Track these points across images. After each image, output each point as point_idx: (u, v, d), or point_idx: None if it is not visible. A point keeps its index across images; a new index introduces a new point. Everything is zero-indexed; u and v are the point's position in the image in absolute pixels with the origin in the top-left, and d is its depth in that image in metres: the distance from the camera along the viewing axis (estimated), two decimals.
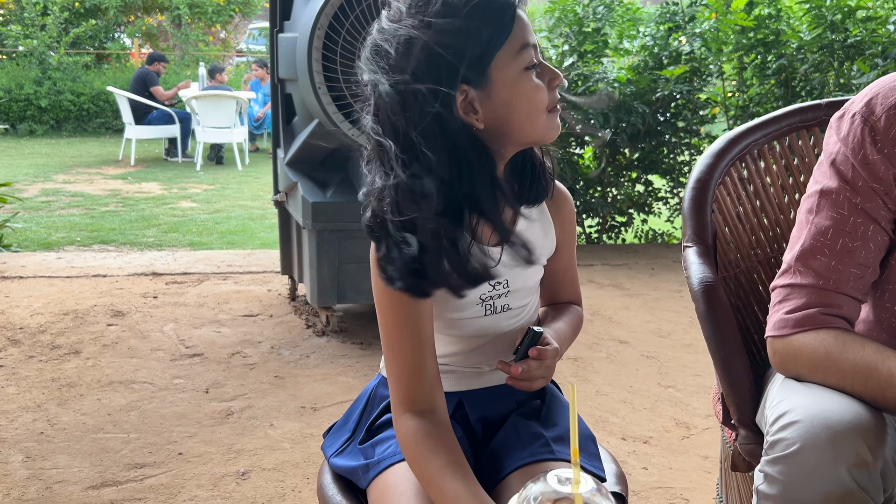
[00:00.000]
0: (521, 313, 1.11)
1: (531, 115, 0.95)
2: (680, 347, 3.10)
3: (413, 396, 0.98)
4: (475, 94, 0.92)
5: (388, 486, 1.00)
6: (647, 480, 2.08)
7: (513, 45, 0.92)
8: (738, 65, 4.74)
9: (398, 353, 0.99)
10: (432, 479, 0.93)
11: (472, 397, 1.11)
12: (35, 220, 5.62)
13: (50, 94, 11.25)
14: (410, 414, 0.98)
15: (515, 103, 0.94)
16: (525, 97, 0.94)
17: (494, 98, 0.93)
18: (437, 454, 0.94)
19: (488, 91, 0.92)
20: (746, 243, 1.60)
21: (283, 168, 3.22)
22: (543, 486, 0.74)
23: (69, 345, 2.96)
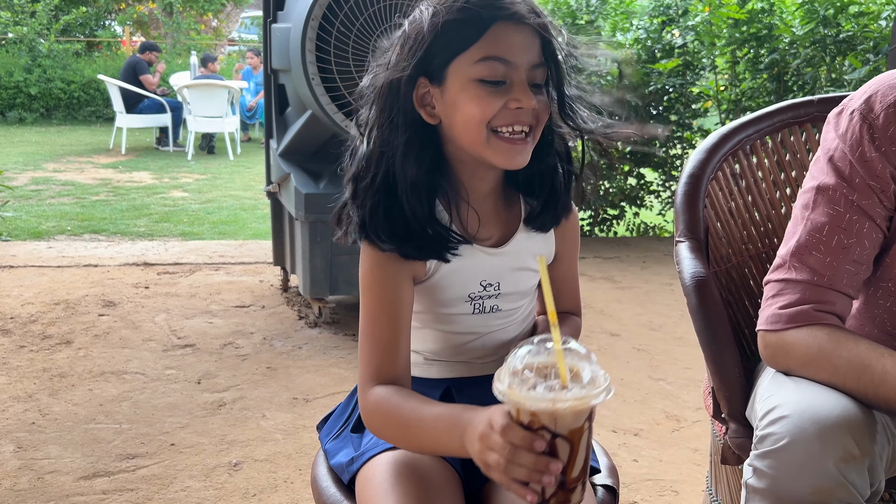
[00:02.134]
0: (512, 315, 1.11)
1: (467, 125, 0.95)
2: (671, 340, 3.12)
3: (383, 374, 1.00)
4: (432, 90, 0.97)
5: (368, 477, 1.01)
6: (638, 472, 2.10)
7: (474, 54, 0.93)
8: (731, 59, 4.75)
9: (374, 334, 1.01)
10: (410, 418, 0.93)
11: (460, 385, 1.12)
12: (25, 209, 5.59)
13: (40, 82, 11.17)
14: (379, 385, 1.00)
15: (458, 108, 0.95)
16: (465, 105, 0.94)
17: (445, 98, 0.96)
18: (408, 397, 0.96)
19: (442, 90, 0.96)
20: (738, 238, 1.61)
21: (275, 159, 3.21)
22: (527, 350, 0.78)
23: (60, 335, 2.95)
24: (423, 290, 1.05)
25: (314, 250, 2.95)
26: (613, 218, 5.06)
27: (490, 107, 0.94)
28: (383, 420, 0.97)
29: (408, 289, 1.02)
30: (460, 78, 0.94)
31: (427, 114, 0.98)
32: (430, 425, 0.91)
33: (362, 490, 1.01)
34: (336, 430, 1.17)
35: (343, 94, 2.78)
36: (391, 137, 0.97)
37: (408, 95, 0.96)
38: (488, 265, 1.06)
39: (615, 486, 1.12)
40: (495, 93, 0.94)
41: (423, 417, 0.92)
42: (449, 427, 0.89)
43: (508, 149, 0.96)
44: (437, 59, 0.94)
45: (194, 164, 8.14)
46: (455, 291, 1.05)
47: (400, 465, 0.99)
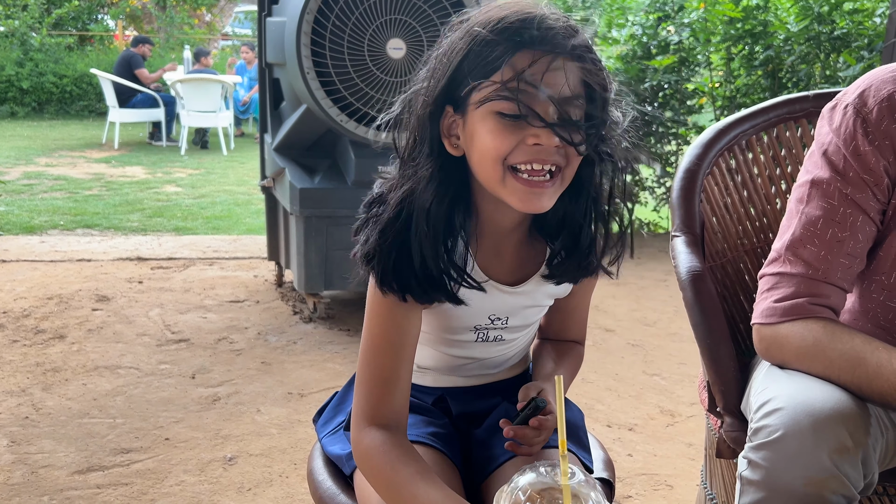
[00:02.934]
0: (512, 344, 1.10)
1: (483, 160, 0.88)
2: (665, 336, 3.12)
3: (381, 412, 0.95)
4: (457, 119, 0.90)
5: None
6: (632, 467, 2.10)
7: (494, 85, 0.84)
8: (726, 55, 4.76)
9: (375, 366, 0.96)
10: (403, 487, 0.89)
11: (455, 393, 1.13)
12: (17, 204, 5.56)
13: (32, 76, 11.11)
14: (375, 427, 0.94)
15: (475, 141, 0.88)
16: (482, 138, 0.86)
17: (466, 129, 0.89)
18: (406, 463, 0.90)
19: (464, 120, 0.89)
20: (733, 233, 1.62)
21: (270, 153, 3.21)
22: (532, 478, 0.74)
23: (54, 329, 2.94)
24: (429, 313, 1.02)
25: (309, 245, 2.94)
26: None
27: (505, 142, 0.85)
28: (373, 473, 0.93)
29: (415, 321, 0.97)
30: (480, 109, 0.86)
31: (451, 144, 0.90)
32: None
33: (362, 481, 1.01)
34: (333, 427, 1.16)
35: (338, 88, 2.77)
36: (417, 169, 0.91)
37: (434, 124, 0.89)
38: (500, 301, 1.02)
39: (611, 480, 1.12)
40: (513, 126, 0.84)
41: (415, 495, 0.87)
42: None
43: (525, 191, 0.87)
44: (461, 86, 0.86)
45: (188, 158, 8.12)
46: (462, 322, 1.03)
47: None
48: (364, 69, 2.76)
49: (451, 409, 1.12)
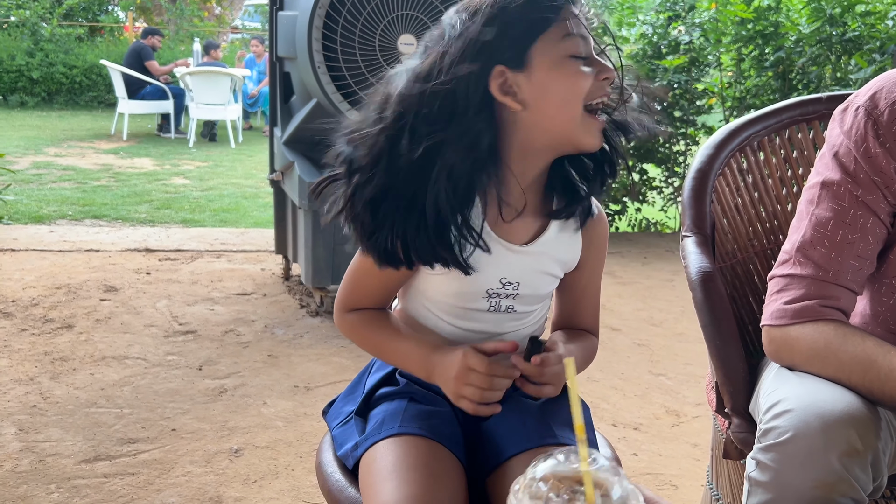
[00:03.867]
0: (525, 318, 1.10)
1: (566, 103, 0.93)
2: (671, 336, 3.12)
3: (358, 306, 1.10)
4: (513, 76, 0.92)
5: (370, 462, 1.01)
6: (637, 466, 2.10)
7: (557, 32, 0.92)
8: (737, 56, 4.74)
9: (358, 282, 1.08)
10: (381, 345, 1.08)
11: None
12: (26, 193, 5.59)
13: (42, 66, 11.14)
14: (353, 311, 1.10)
15: (553, 87, 0.92)
16: (563, 81, 0.92)
17: (533, 80, 0.93)
18: (379, 328, 1.07)
19: (527, 73, 0.92)
20: (744, 234, 1.62)
21: (279, 147, 3.21)
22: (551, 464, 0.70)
23: (62, 319, 2.95)
24: (440, 278, 1.03)
25: (316, 239, 2.95)
26: (615, 213, 5.06)
27: (586, 81, 0.93)
28: (359, 340, 1.10)
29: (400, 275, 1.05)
30: (549, 57, 0.92)
31: (512, 101, 0.93)
32: (401, 356, 1.06)
33: (363, 475, 1.01)
34: (343, 418, 1.16)
35: (349, 83, 2.77)
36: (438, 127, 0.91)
37: (479, 86, 0.91)
38: (511, 263, 1.04)
39: None
40: (586, 67, 0.93)
41: (393, 348, 1.07)
42: (416, 363, 1.04)
43: (598, 128, 0.96)
44: (516, 44, 0.91)
45: (196, 151, 8.13)
46: (473, 285, 1.03)
47: (402, 452, 0.99)
48: (375, 64, 2.76)
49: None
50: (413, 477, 0.94)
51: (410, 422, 1.02)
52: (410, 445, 0.99)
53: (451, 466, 1.00)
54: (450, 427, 1.06)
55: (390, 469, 0.96)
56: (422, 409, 1.07)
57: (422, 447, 0.99)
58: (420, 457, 0.98)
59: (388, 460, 0.98)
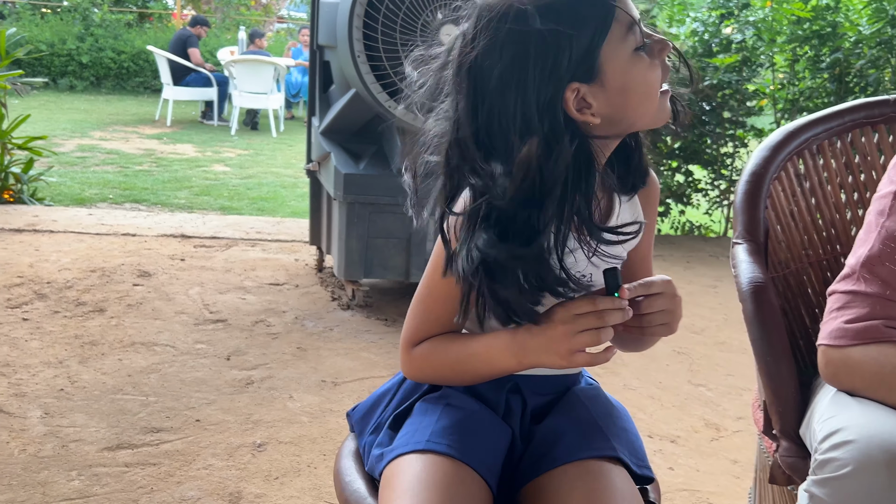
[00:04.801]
0: None
1: (647, 97, 0.89)
2: (713, 345, 3.01)
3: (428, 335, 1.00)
4: (587, 90, 0.85)
5: (392, 475, 0.94)
6: (673, 481, 2.01)
7: (619, 30, 0.85)
8: (791, 56, 4.58)
9: (426, 308, 0.99)
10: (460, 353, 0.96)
11: (529, 383, 1.04)
12: (70, 175, 5.65)
13: (91, 51, 11.32)
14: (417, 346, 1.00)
15: (631, 87, 0.87)
16: (640, 80, 0.88)
17: (609, 88, 0.86)
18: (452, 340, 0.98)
19: (601, 82, 0.86)
20: (798, 243, 1.52)
21: (317, 137, 3.17)
22: None
23: (94, 302, 2.95)
24: None
25: (350, 232, 2.90)
26: (659, 215, 4.93)
27: (657, 69, 0.89)
28: (432, 369, 0.99)
29: None
30: (620, 57, 0.86)
31: (590, 115, 0.86)
32: (483, 355, 0.95)
33: (382, 489, 0.95)
34: (373, 423, 1.09)
35: (388, 73, 2.71)
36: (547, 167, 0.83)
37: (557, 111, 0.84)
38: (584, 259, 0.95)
39: (656, 502, 1.04)
40: (650, 52, 0.89)
41: (473, 352, 0.96)
42: (503, 352, 0.93)
43: (668, 106, 0.93)
44: (584, 56, 0.84)
45: (237, 139, 8.17)
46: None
47: (421, 469, 0.92)
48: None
49: (526, 401, 1.03)
50: (427, 496, 0.88)
51: (440, 437, 0.95)
52: (432, 463, 0.92)
53: (475, 489, 0.92)
54: (485, 443, 0.97)
55: (405, 487, 0.90)
56: (457, 422, 0.98)
57: (444, 467, 0.92)
58: (439, 476, 0.90)
59: (405, 476, 0.91)
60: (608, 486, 0.92)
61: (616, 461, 0.97)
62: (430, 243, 3.40)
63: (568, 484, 0.93)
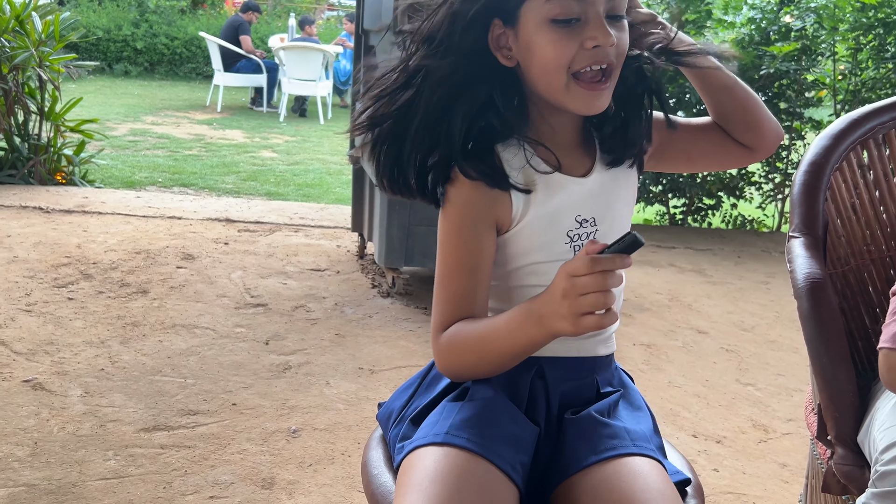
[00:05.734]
0: None
1: (545, 70, 0.89)
2: (763, 343, 2.90)
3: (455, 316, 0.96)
4: (507, 32, 0.91)
5: (405, 469, 0.91)
6: (718, 483, 1.93)
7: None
8: (854, 45, 4.39)
9: (449, 286, 0.97)
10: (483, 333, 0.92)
11: (553, 366, 1.00)
12: (121, 159, 5.75)
13: (146, 37, 11.51)
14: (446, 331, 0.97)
15: (533, 52, 0.89)
16: (541, 49, 0.88)
17: (520, 40, 0.90)
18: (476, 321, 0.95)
19: (516, 31, 0.90)
20: (860, 238, 1.43)
21: None
22: None
23: (138, 284, 2.98)
24: (515, 238, 0.96)
25: (392, 219, 2.87)
26: (709, 208, 4.79)
27: (567, 49, 0.87)
28: (458, 353, 0.95)
29: (489, 240, 0.96)
30: (534, 18, 0.88)
31: (503, 56, 0.92)
32: (505, 329, 0.90)
33: (398, 480, 0.92)
34: (399, 415, 1.06)
35: None
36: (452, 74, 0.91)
37: (481, 38, 0.91)
38: (580, 196, 0.97)
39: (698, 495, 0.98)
40: (571, 33, 0.87)
41: (496, 327, 0.91)
42: (523, 320, 0.88)
43: (587, 95, 0.90)
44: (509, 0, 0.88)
45: (285, 125, 8.22)
46: (551, 232, 0.96)
47: (438, 462, 0.88)
48: None
49: (548, 388, 0.99)
50: (434, 490, 0.84)
51: (459, 429, 0.91)
52: (444, 456, 0.88)
53: (491, 483, 0.87)
54: (507, 437, 0.93)
55: (414, 481, 0.86)
56: (478, 414, 0.94)
57: (458, 460, 0.87)
58: (450, 469, 0.86)
59: (417, 470, 0.88)
60: (645, 486, 0.87)
61: (652, 459, 0.92)
62: None
63: (602, 484, 0.88)
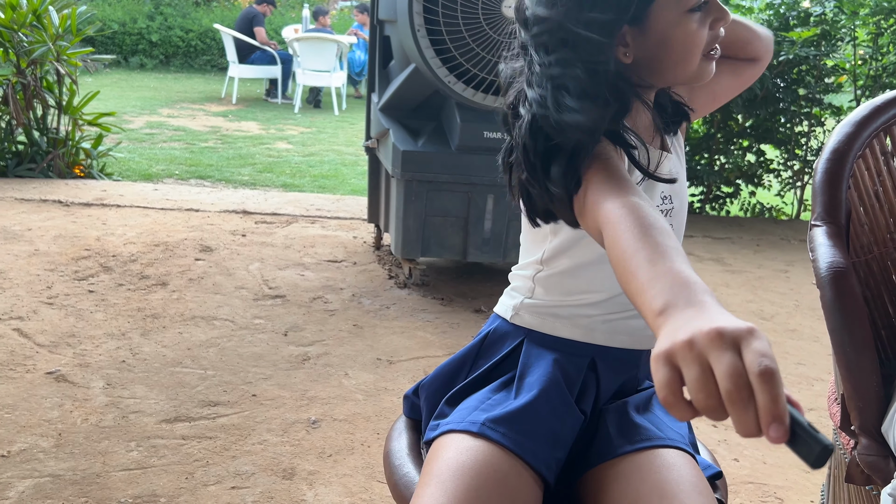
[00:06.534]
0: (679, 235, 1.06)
1: (686, 55, 0.93)
2: (783, 332, 2.88)
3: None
4: (628, 30, 0.91)
5: (431, 455, 0.91)
6: (738, 473, 1.93)
7: None
8: (875, 30, 4.33)
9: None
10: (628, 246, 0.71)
11: (605, 356, 1.00)
12: (138, 152, 5.78)
13: (161, 30, 11.55)
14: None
15: (672, 43, 0.92)
16: (682, 38, 0.91)
17: (650, 35, 0.91)
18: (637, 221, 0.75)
19: (643, 28, 0.91)
20: (883, 226, 1.41)
21: (375, 113, 3.14)
22: None
23: (157, 276, 3.00)
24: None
25: (408, 210, 2.87)
26: (727, 196, 4.75)
27: (703, 34, 0.92)
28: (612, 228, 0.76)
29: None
30: (670, 13, 0.90)
31: (622, 55, 0.92)
32: (647, 267, 0.66)
33: (427, 461, 0.91)
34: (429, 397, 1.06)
35: (449, 48, 2.65)
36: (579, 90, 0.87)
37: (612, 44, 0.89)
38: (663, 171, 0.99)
39: (723, 500, 0.98)
40: (702, 18, 0.92)
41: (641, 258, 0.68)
42: (665, 287, 0.62)
43: (712, 66, 0.96)
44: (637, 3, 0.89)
45: (300, 116, 8.23)
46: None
47: (463, 453, 0.87)
48: (477, 28, 2.63)
49: (599, 380, 0.99)
50: (453, 486, 0.83)
51: (499, 423, 0.90)
52: (479, 450, 0.87)
53: (518, 482, 0.87)
54: (548, 433, 0.92)
55: (436, 472, 0.86)
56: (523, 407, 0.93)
57: (489, 456, 0.86)
58: (476, 465, 0.85)
59: (444, 458, 0.87)
60: (678, 478, 0.86)
61: (685, 453, 0.91)
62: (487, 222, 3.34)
63: (635, 474, 0.88)
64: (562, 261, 1.00)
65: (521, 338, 1.03)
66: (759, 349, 0.50)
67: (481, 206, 2.87)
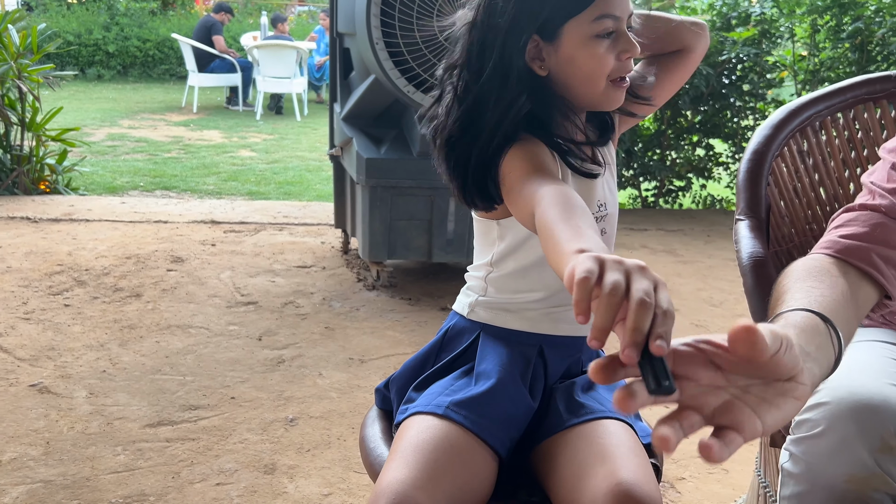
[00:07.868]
0: (610, 241, 1.17)
1: (590, 79, 1.03)
2: (731, 318, 3.06)
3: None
4: (544, 45, 1.03)
5: (403, 430, 1.03)
6: (686, 449, 2.09)
7: (590, 14, 1.00)
8: (811, 27, 4.56)
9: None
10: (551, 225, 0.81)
11: (552, 344, 1.13)
12: (101, 165, 5.80)
13: (117, 40, 11.49)
14: None
15: (578, 64, 1.02)
16: (588, 61, 1.02)
17: (561, 54, 1.03)
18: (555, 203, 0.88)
19: (556, 45, 1.03)
20: (802, 218, 1.57)
21: (339, 122, 3.25)
22: None
23: (131, 288, 3.08)
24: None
25: (374, 214, 2.99)
26: (679, 189, 4.95)
27: (608, 61, 1.02)
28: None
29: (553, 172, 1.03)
30: (577, 36, 1.01)
31: (537, 67, 1.04)
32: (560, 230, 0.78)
33: (395, 439, 1.03)
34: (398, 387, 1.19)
35: (407, 59, 2.78)
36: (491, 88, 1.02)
37: (520, 52, 1.02)
38: (599, 182, 1.11)
39: (659, 465, 1.12)
40: (610, 46, 1.02)
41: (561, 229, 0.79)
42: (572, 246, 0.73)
43: (619, 94, 1.06)
44: (552, 20, 1.01)
45: (262, 123, 8.29)
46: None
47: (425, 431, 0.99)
48: (434, 41, 2.76)
49: (546, 366, 1.12)
50: (415, 458, 0.95)
51: (461, 407, 1.03)
52: (441, 429, 1.00)
53: (473, 455, 1.00)
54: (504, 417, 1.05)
55: (402, 447, 0.98)
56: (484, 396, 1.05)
57: (449, 434, 0.99)
58: (435, 440, 0.98)
59: (408, 436, 1.00)
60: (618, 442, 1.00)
61: (624, 423, 1.05)
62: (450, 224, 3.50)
63: (581, 441, 1.01)
64: (509, 263, 1.14)
65: (477, 331, 1.16)
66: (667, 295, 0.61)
67: (444, 208, 3.00)
